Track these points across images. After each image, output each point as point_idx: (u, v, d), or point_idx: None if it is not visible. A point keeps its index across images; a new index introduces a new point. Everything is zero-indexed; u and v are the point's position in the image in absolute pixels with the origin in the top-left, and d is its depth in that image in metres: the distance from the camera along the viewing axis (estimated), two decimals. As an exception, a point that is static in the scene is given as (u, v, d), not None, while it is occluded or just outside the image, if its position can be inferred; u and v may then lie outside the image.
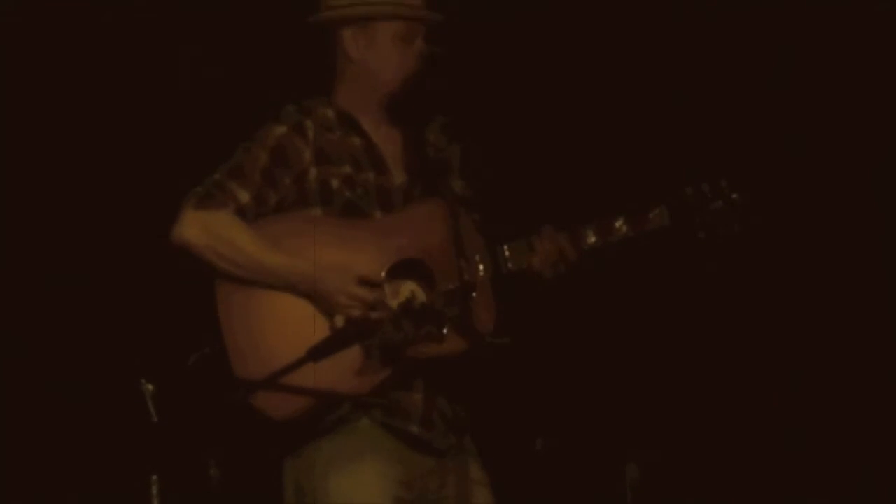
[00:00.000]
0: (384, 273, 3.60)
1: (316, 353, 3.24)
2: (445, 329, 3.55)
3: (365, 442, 3.57)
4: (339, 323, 3.55)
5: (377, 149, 3.73)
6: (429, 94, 3.69)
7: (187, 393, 3.69)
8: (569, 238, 3.66)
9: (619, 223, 3.67)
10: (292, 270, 3.57)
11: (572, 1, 4.82)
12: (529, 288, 3.69)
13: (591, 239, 3.67)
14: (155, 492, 3.56)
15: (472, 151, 3.82)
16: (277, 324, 3.58)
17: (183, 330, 4.00)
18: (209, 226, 3.58)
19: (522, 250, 3.65)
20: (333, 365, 3.33)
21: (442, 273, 3.59)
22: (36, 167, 4.57)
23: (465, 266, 3.58)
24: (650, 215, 3.68)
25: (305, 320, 3.57)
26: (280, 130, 3.68)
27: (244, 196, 3.60)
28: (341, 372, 3.49)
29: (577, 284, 3.74)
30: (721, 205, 3.67)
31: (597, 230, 3.67)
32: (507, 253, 3.65)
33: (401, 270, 3.61)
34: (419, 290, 3.61)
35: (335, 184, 3.66)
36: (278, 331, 3.57)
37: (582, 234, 3.67)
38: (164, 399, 3.59)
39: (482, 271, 3.63)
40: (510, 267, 3.64)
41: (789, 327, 4.91)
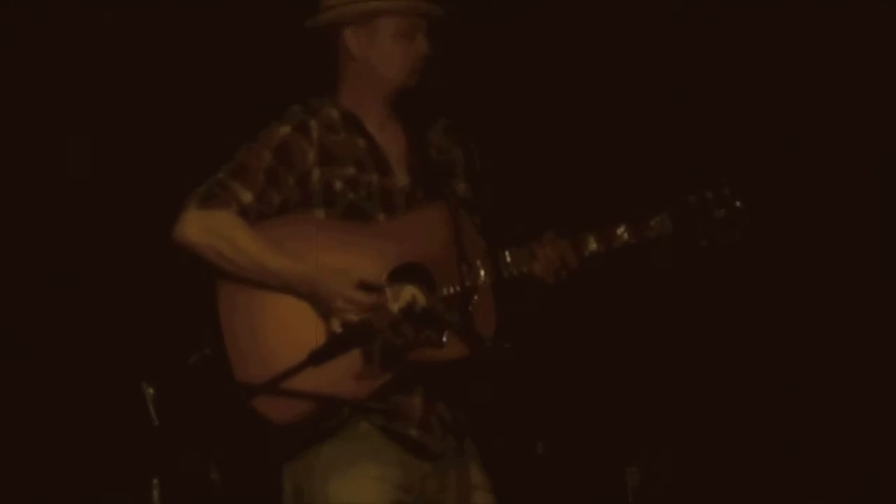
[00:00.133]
0: (385, 277, 3.59)
1: (317, 358, 3.23)
2: (446, 334, 3.55)
3: (364, 446, 3.57)
4: (339, 327, 3.54)
5: (381, 150, 3.72)
6: (432, 96, 3.68)
7: (188, 396, 3.69)
8: (570, 245, 3.65)
9: (621, 230, 3.64)
10: (293, 273, 3.56)
11: (577, 6, 4.81)
12: (530, 293, 3.68)
13: (593, 246, 3.65)
14: (156, 495, 3.57)
15: (475, 154, 3.81)
16: (279, 326, 3.57)
17: (184, 332, 3.99)
18: (211, 226, 3.57)
19: (524, 256, 3.64)
20: (334, 369, 3.33)
21: (443, 278, 3.58)
22: (37, 167, 4.57)
23: (467, 271, 3.58)
24: (652, 222, 3.65)
25: (307, 323, 3.56)
26: (284, 130, 3.66)
27: (247, 196, 3.59)
28: (341, 376, 3.49)
29: (579, 288, 3.73)
30: (724, 213, 3.65)
31: (598, 237, 3.65)
32: (509, 258, 3.63)
33: (402, 274, 3.60)
34: (420, 295, 3.60)
35: (338, 185, 3.64)
36: (279, 333, 3.56)
37: (583, 241, 3.65)
38: (165, 402, 3.59)
39: (483, 276, 3.61)
40: (511, 272, 3.63)
41: (790, 330, 4.91)
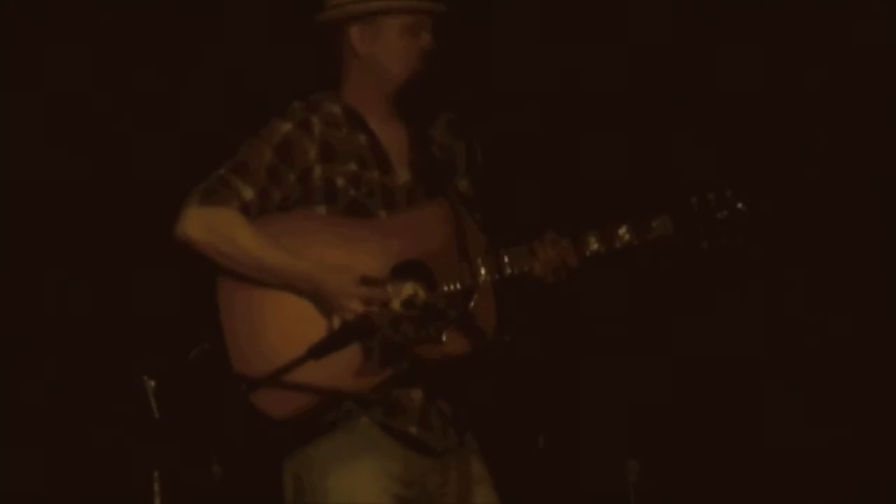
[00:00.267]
0: (386, 274, 3.59)
1: (316, 352, 3.25)
2: (446, 331, 3.55)
3: (364, 440, 3.57)
4: (340, 322, 3.54)
5: (382, 147, 3.71)
6: (435, 93, 3.67)
7: (189, 390, 3.70)
8: (571, 244, 3.63)
9: (622, 231, 3.63)
10: (293, 269, 3.56)
11: (580, 6, 4.79)
12: (531, 290, 3.68)
13: (594, 246, 3.63)
14: (157, 489, 3.58)
15: (477, 150, 3.80)
16: (279, 322, 3.57)
17: (185, 327, 4.01)
18: (212, 223, 3.57)
19: (524, 255, 3.63)
20: (333, 365, 3.35)
21: (444, 275, 3.58)
22: (37, 165, 4.57)
23: (467, 269, 3.58)
24: (653, 224, 3.64)
25: (307, 319, 3.56)
26: (286, 127, 3.65)
27: (248, 193, 3.59)
28: (342, 371, 3.49)
29: (579, 284, 3.72)
30: (726, 215, 3.63)
31: (599, 237, 3.64)
32: (509, 258, 3.63)
33: (403, 272, 3.60)
34: (420, 292, 3.61)
35: (340, 182, 3.64)
36: (280, 329, 3.56)
37: (584, 241, 3.64)
38: (166, 396, 3.60)
39: (484, 275, 3.61)
40: (512, 271, 3.63)
41: (790, 327, 4.90)
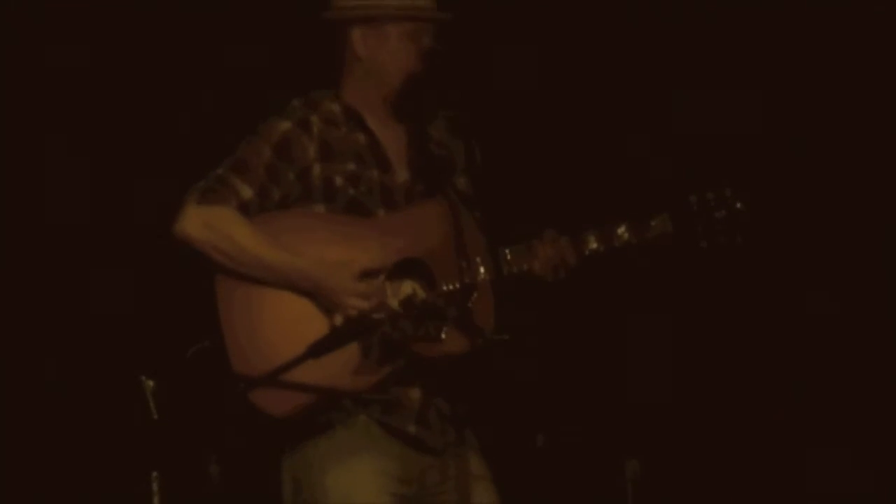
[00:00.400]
0: (385, 272, 3.59)
1: (316, 350, 3.24)
2: (445, 330, 3.55)
3: (362, 438, 3.57)
4: (339, 321, 3.54)
5: (381, 146, 3.71)
6: (434, 94, 3.66)
7: (187, 390, 3.69)
8: (570, 243, 3.64)
9: (622, 230, 3.64)
10: (292, 268, 3.56)
11: (580, 5, 4.79)
12: (530, 288, 3.68)
13: (593, 245, 3.64)
14: (155, 488, 3.57)
15: (476, 149, 3.80)
16: (278, 320, 3.57)
17: (184, 326, 4.00)
18: (210, 221, 3.57)
19: (523, 253, 3.63)
20: (332, 363, 3.34)
21: (443, 273, 3.58)
22: (37, 163, 4.56)
23: (466, 267, 3.57)
24: (652, 223, 3.65)
25: (306, 317, 3.56)
26: (285, 126, 3.65)
27: (247, 192, 3.59)
28: (340, 370, 3.49)
29: (579, 282, 3.72)
30: (725, 214, 3.64)
31: (599, 236, 3.64)
32: (508, 256, 3.63)
33: (402, 270, 3.60)
34: (419, 290, 3.61)
35: (339, 181, 3.64)
36: (279, 327, 3.56)
37: (584, 240, 3.64)
38: (165, 395, 3.59)
39: (483, 273, 3.61)
40: (511, 270, 3.63)
41: (789, 325, 4.90)
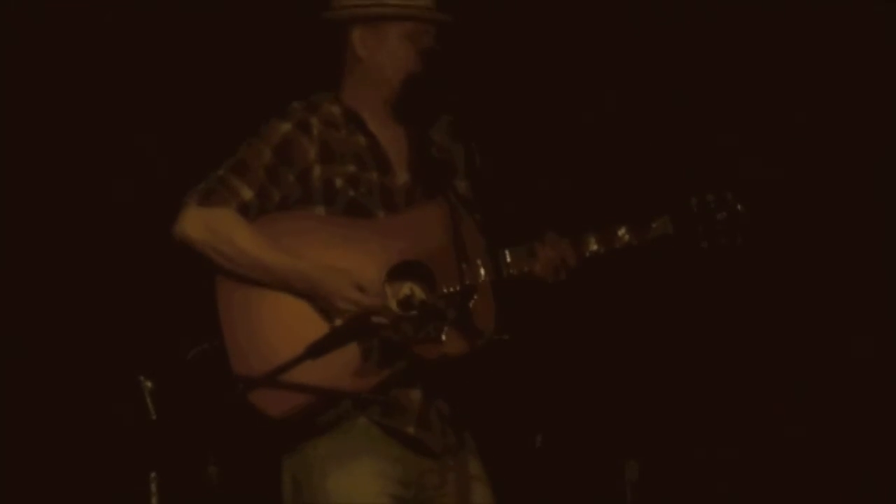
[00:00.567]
0: (385, 274, 3.59)
1: (315, 351, 3.24)
2: (445, 331, 3.55)
3: (362, 440, 3.57)
4: (338, 323, 3.54)
5: (381, 148, 3.71)
6: (435, 95, 3.66)
7: (186, 390, 3.69)
8: (571, 245, 3.64)
9: (622, 231, 3.64)
10: (292, 270, 3.56)
11: (581, 7, 4.80)
12: (530, 289, 3.68)
13: (594, 246, 3.65)
14: (154, 489, 3.58)
15: (477, 152, 3.80)
16: (278, 322, 3.57)
17: (183, 327, 4.00)
18: (210, 223, 3.57)
19: (524, 255, 3.63)
20: (332, 364, 3.35)
21: (443, 275, 3.58)
22: (36, 164, 4.56)
23: (467, 269, 3.57)
24: (653, 224, 3.65)
25: (305, 319, 3.56)
26: (285, 127, 3.66)
27: (247, 193, 3.59)
28: (341, 370, 3.49)
29: (578, 283, 3.72)
30: (725, 216, 3.65)
31: (599, 238, 3.65)
32: (509, 258, 3.63)
33: (402, 272, 3.60)
34: (419, 292, 3.61)
35: (339, 183, 3.64)
36: (279, 329, 3.56)
37: (584, 242, 3.65)
38: (164, 396, 3.59)
39: (483, 275, 3.61)
40: (511, 272, 3.63)
41: (789, 326, 4.90)
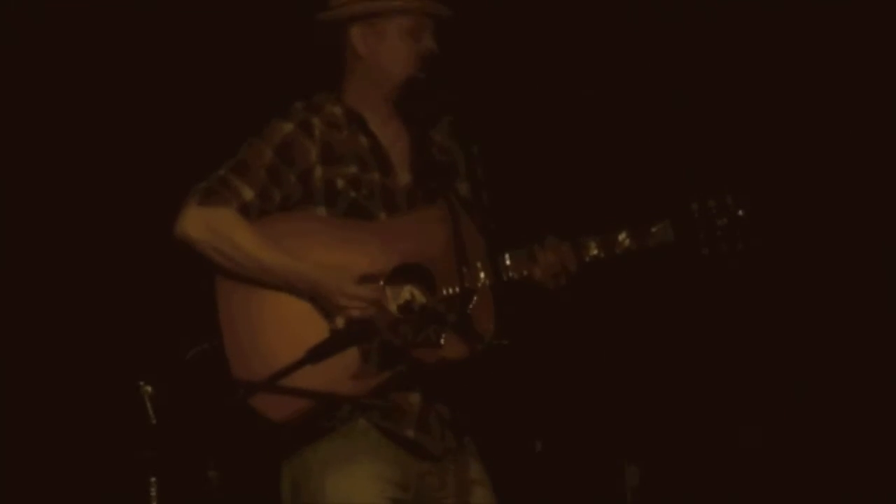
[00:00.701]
0: (385, 277, 3.58)
1: (315, 355, 3.23)
2: (444, 335, 3.54)
3: (362, 443, 3.56)
4: (339, 325, 3.53)
5: (383, 149, 3.70)
6: (436, 95, 3.65)
7: (186, 395, 3.69)
8: (571, 249, 3.63)
9: (623, 236, 3.63)
10: (292, 271, 3.55)
11: (582, 10, 4.79)
12: (530, 293, 3.67)
13: (594, 251, 3.63)
14: (154, 493, 3.58)
15: (479, 154, 3.79)
16: (278, 324, 3.57)
17: (183, 332, 3.99)
18: (211, 223, 3.56)
19: (524, 259, 3.62)
20: (332, 368, 3.33)
21: (443, 278, 3.58)
22: (36, 165, 4.56)
23: (467, 272, 3.56)
24: (653, 230, 3.63)
25: (306, 320, 3.55)
26: (287, 128, 3.65)
27: (248, 193, 3.58)
28: (339, 375, 3.49)
29: (578, 288, 3.71)
30: (726, 222, 3.63)
31: (599, 243, 3.63)
32: (509, 261, 3.62)
33: (402, 275, 3.60)
34: (419, 295, 3.60)
35: (340, 184, 3.63)
36: (279, 331, 3.56)
37: (584, 246, 3.63)
38: (163, 401, 3.59)
39: (483, 278, 3.60)
40: (511, 275, 3.62)
41: (789, 331, 4.91)
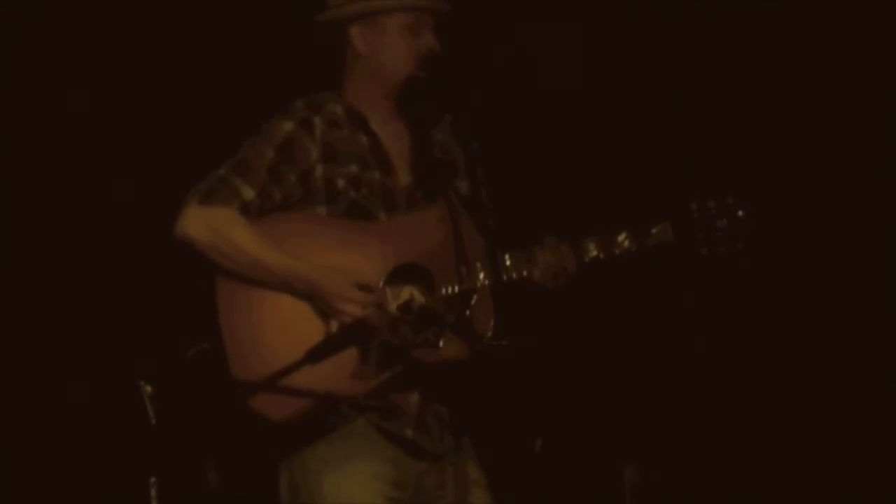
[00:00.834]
0: (385, 277, 3.58)
1: (314, 355, 3.24)
2: (444, 335, 3.54)
3: (360, 443, 3.56)
4: (333, 328, 3.53)
5: (384, 148, 3.70)
6: (437, 94, 3.65)
7: (186, 395, 3.70)
8: (570, 250, 3.63)
9: (622, 237, 3.63)
10: (292, 271, 3.55)
11: (582, 11, 4.79)
12: (529, 293, 3.67)
13: (593, 252, 3.63)
14: (154, 494, 3.59)
15: (478, 153, 3.78)
16: (278, 324, 3.56)
17: (183, 332, 4.00)
18: (211, 222, 3.56)
19: (523, 259, 3.62)
20: (331, 368, 3.34)
21: (443, 278, 3.57)
22: (36, 165, 4.56)
23: (466, 273, 3.56)
24: (653, 230, 3.63)
25: (305, 320, 3.55)
26: (287, 127, 3.64)
27: (249, 193, 3.58)
28: (338, 375, 3.49)
29: (577, 288, 3.71)
30: (726, 223, 3.63)
31: (599, 243, 3.63)
32: (508, 262, 3.62)
33: (401, 275, 3.60)
34: (419, 295, 3.60)
35: (341, 183, 3.63)
36: (278, 331, 3.55)
37: (584, 247, 3.63)
38: (163, 401, 3.60)
39: (482, 279, 3.60)
40: (510, 276, 3.61)
41: (788, 330, 4.91)
